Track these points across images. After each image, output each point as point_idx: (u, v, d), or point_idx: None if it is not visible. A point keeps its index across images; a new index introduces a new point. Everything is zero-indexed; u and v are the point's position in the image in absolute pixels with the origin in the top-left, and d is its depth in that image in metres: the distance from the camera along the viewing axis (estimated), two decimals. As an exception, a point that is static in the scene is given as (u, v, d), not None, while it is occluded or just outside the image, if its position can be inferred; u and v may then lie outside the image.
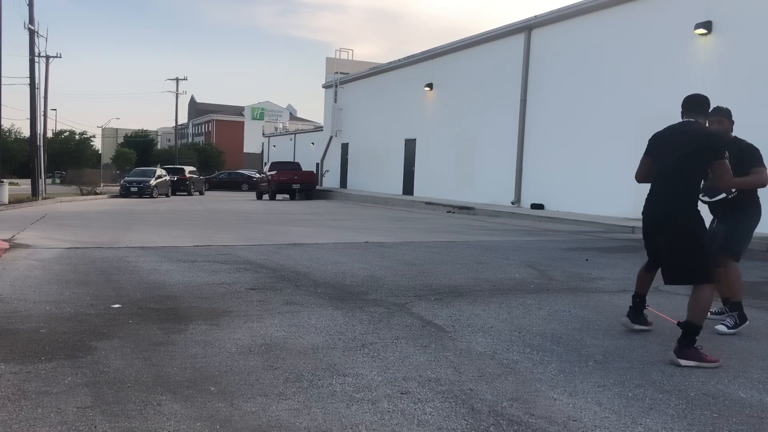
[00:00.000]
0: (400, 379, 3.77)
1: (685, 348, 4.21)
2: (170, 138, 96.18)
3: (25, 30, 27.69)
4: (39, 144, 28.97)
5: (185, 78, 63.34)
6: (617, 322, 5.34)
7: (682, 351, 4.20)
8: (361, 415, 3.20)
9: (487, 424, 3.13)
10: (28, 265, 7.82)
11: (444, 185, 25.64)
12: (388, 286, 6.81)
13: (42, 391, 3.43)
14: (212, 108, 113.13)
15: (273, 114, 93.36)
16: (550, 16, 20.32)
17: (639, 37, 17.07)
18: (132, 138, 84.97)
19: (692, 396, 3.60)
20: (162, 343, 4.41)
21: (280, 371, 3.86)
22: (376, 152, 31.85)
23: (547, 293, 6.64)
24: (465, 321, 5.27)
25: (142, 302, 5.77)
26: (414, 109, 28.43)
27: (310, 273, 7.56)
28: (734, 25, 14.69)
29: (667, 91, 15.94)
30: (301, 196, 30.95)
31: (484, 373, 3.90)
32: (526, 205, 20.85)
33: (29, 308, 5.43)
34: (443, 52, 26.44)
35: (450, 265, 8.45)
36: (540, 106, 20.69)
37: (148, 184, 32.51)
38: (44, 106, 34.16)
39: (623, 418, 3.23)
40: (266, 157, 56.62)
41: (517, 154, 21.50)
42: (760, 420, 3.28)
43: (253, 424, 3.06)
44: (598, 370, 4.04)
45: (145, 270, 7.57)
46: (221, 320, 5.11)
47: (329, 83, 37.25)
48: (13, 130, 78.60)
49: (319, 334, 4.76)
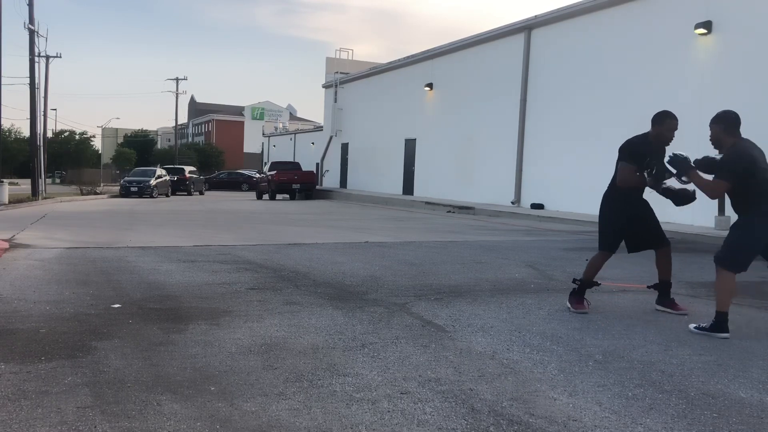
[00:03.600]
0: (400, 379, 3.77)
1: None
2: (170, 138, 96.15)
3: (25, 30, 27.71)
4: (39, 144, 28.96)
5: (185, 78, 63.40)
6: (617, 322, 5.34)
7: None
8: (361, 415, 3.20)
9: (487, 424, 3.13)
10: (28, 265, 7.82)
11: (444, 185, 25.64)
12: (388, 286, 6.80)
13: (42, 391, 3.42)
14: (212, 108, 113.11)
15: (273, 114, 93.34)
16: (550, 16, 20.32)
17: (639, 37, 17.07)
18: (132, 138, 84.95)
19: (692, 396, 3.60)
20: (162, 343, 4.41)
21: (280, 371, 3.86)
22: (376, 152, 31.85)
23: (547, 293, 6.64)
24: (465, 321, 5.27)
25: (142, 302, 5.77)
26: (414, 109, 28.42)
27: (310, 273, 7.56)
28: (734, 25, 14.69)
29: (667, 91, 15.96)
30: (301, 196, 30.95)
31: (484, 373, 3.90)
32: (526, 205, 20.85)
33: (29, 308, 5.43)
34: (443, 52, 26.44)
35: (450, 265, 8.44)
36: (540, 106, 20.69)
37: (148, 184, 32.51)
38: (44, 106, 34.16)
39: (623, 418, 3.23)
40: (266, 157, 56.59)
41: (517, 154, 21.50)
42: (760, 420, 3.28)
43: (253, 424, 3.06)
44: (598, 370, 4.04)
45: (145, 270, 7.57)
46: (221, 320, 5.11)
47: (329, 83, 37.25)
48: (13, 130, 78.61)
49: (319, 334, 4.76)
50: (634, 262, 9.20)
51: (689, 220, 14.24)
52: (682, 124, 6.31)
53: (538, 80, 20.90)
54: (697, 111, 15.04)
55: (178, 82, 62.56)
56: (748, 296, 6.44)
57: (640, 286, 6.97)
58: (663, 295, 5.86)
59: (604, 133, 17.92)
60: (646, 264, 9.04)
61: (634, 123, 15.47)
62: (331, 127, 36.60)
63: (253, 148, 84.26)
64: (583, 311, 5.72)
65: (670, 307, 5.77)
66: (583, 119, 18.87)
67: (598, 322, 5.38)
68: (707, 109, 7.22)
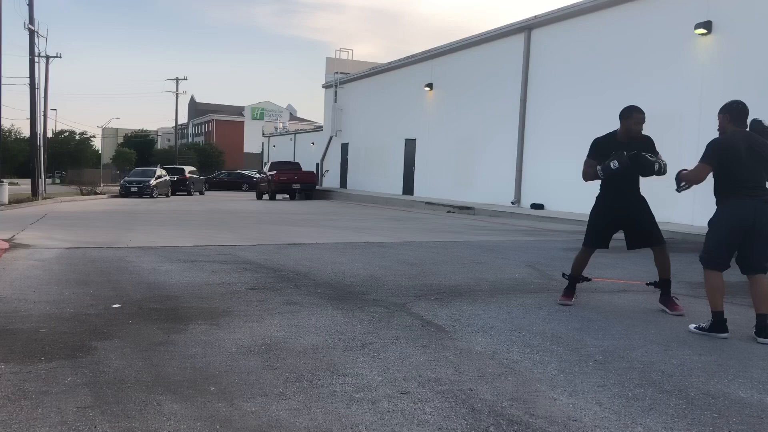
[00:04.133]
0: (400, 379, 3.77)
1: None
2: (170, 138, 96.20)
3: (25, 30, 27.71)
4: (39, 144, 28.97)
5: (185, 78, 63.43)
6: (617, 322, 5.34)
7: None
8: (361, 415, 3.20)
9: (487, 424, 3.13)
10: (28, 265, 7.82)
11: (444, 185, 25.64)
12: (388, 286, 6.80)
13: (42, 391, 3.42)
14: (212, 108, 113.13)
15: (273, 114, 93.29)
16: (550, 16, 20.32)
17: (639, 37, 17.07)
18: (132, 138, 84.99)
19: (692, 396, 3.60)
20: (162, 343, 4.41)
21: (280, 371, 3.86)
22: (376, 152, 31.86)
23: (547, 293, 6.64)
24: (465, 321, 5.27)
25: (142, 302, 5.77)
26: (414, 109, 28.43)
27: (310, 273, 7.56)
28: (734, 25, 14.69)
29: (666, 91, 15.95)
30: (301, 196, 30.95)
31: (484, 373, 3.90)
32: (526, 205, 20.85)
33: (29, 308, 5.43)
34: (443, 52, 26.44)
35: (450, 265, 8.44)
36: (540, 106, 20.69)
37: (148, 184, 32.52)
38: (44, 106, 34.16)
39: (623, 418, 3.23)
40: (266, 157, 56.61)
41: (517, 154, 21.50)
42: (760, 420, 3.28)
43: (253, 424, 3.06)
44: (598, 370, 4.04)
45: (145, 270, 7.57)
46: (221, 320, 5.11)
47: (329, 83, 37.25)
48: (13, 130, 78.71)
49: (319, 334, 4.76)
50: (635, 262, 9.21)
51: (689, 220, 14.24)
52: (683, 123, 6.32)
53: (538, 80, 20.90)
54: (697, 111, 15.07)
55: (178, 82, 62.65)
56: (748, 296, 6.43)
57: (639, 282, 6.98)
58: (663, 293, 5.89)
59: (604, 132, 17.92)
60: (646, 264, 9.05)
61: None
62: (331, 127, 36.61)
63: (253, 148, 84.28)
64: (566, 303, 6.00)
65: (667, 305, 5.80)
66: (583, 119, 18.85)
67: (598, 322, 5.38)
68: (707, 109, 7.23)
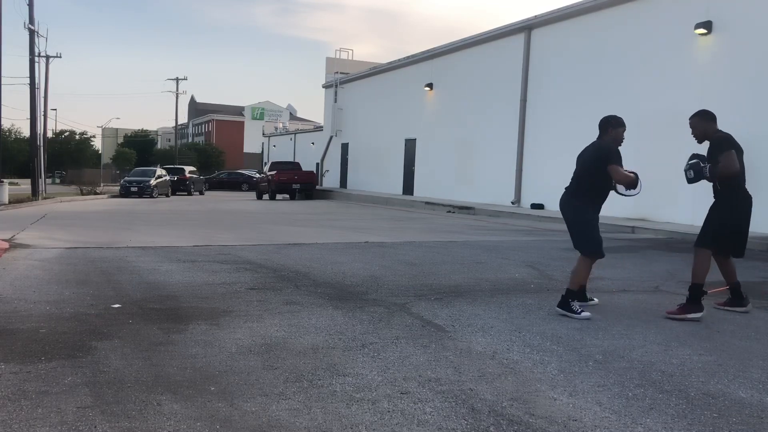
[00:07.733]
0: (400, 379, 3.77)
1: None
2: (170, 138, 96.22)
3: (25, 30, 27.72)
4: (39, 144, 28.98)
5: (185, 78, 63.45)
6: (617, 322, 5.34)
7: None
8: (361, 415, 3.20)
9: (487, 424, 3.13)
10: (28, 265, 7.81)
11: (444, 185, 25.64)
12: (388, 286, 6.80)
13: (42, 391, 3.42)
14: (212, 108, 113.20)
15: (273, 114, 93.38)
16: (550, 16, 20.32)
17: (639, 37, 17.07)
18: (132, 138, 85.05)
19: (692, 396, 3.60)
20: (162, 343, 4.41)
21: (280, 371, 3.86)
22: (376, 152, 31.85)
23: (547, 293, 6.64)
24: (465, 321, 5.27)
25: (142, 302, 5.77)
26: (414, 109, 28.43)
27: (310, 273, 7.56)
28: (734, 25, 14.69)
29: (666, 91, 15.95)
30: (301, 196, 30.95)
31: (484, 373, 3.90)
32: (526, 205, 20.84)
33: (29, 308, 5.43)
34: (443, 52, 26.43)
35: (450, 265, 8.44)
36: (540, 106, 20.68)
37: (148, 184, 32.52)
38: (44, 106, 34.20)
39: (623, 418, 3.23)
40: (266, 157, 56.60)
41: (517, 154, 21.50)
42: (760, 420, 3.28)
43: (253, 424, 3.06)
44: (598, 370, 4.04)
45: (145, 270, 7.57)
46: (221, 320, 5.11)
47: (329, 83, 37.25)
48: (13, 130, 78.74)
49: (319, 334, 4.76)
50: (635, 262, 9.21)
51: (689, 220, 14.24)
52: (683, 123, 6.34)
53: (538, 80, 20.89)
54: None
55: (178, 82, 62.65)
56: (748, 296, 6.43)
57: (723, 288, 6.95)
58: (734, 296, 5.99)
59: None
60: (647, 264, 9.06)
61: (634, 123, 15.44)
62: (331, 127, 36.60)
63: (253, 148, 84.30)
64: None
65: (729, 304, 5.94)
66: (583, 119, 18.82)
67: (598, 322, 5.38)
68: (707, 109, 7.21)
